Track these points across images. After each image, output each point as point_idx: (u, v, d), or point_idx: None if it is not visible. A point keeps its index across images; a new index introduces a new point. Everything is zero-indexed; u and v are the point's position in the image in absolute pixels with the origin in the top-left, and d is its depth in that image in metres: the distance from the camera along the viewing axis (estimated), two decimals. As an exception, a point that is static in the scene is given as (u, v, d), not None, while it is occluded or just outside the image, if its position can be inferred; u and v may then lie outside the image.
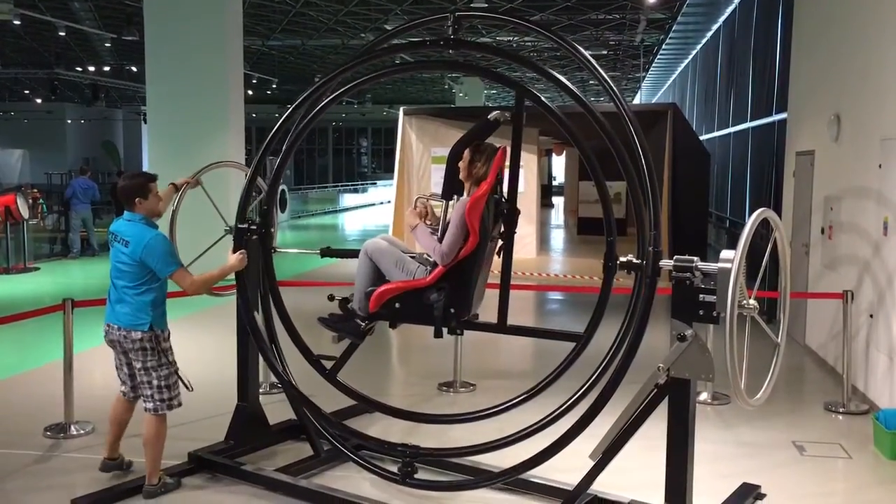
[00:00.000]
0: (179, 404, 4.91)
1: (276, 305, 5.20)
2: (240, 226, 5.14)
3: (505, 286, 4.45)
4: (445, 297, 4.42)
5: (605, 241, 4.13)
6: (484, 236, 4.39)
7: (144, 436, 4.84)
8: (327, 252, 5.43)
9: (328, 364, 4.93)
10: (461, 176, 4.50)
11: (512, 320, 4.57)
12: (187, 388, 4.95)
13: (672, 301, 3.82)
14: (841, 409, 6.62)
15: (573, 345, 4.29)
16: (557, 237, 21.91)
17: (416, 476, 4.56)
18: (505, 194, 4.55)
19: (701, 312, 3.72)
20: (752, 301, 3.65)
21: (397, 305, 4.54)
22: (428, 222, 4.68)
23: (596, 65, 4.16)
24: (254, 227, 5.11)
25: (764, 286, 7.34)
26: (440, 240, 4.40)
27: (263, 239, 5.14)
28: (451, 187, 4.51)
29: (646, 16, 19.92)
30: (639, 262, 3.95)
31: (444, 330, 4.49)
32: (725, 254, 3.59)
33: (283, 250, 5.72)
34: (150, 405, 4.82)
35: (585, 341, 4.25)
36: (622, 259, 4.00)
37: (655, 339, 4.79)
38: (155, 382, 4.79)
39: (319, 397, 5.13)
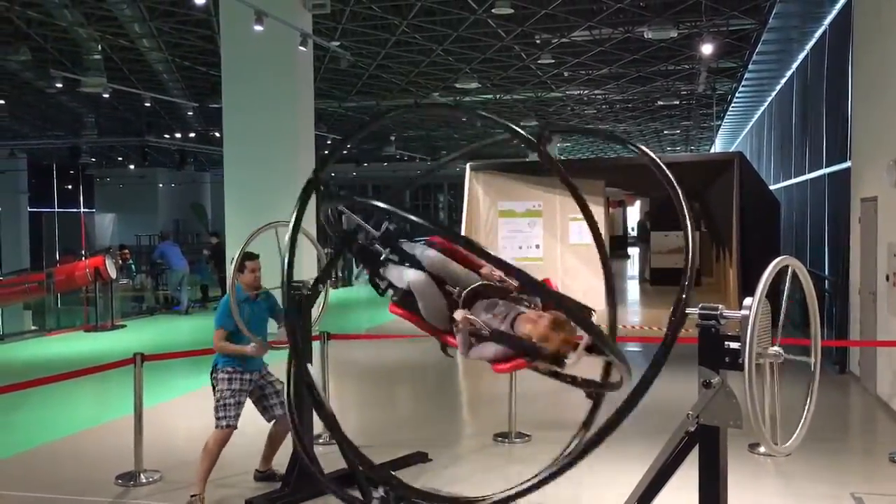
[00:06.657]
0: (228, 426, 5.68)
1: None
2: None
3: None
4: None
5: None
6: None
7: None
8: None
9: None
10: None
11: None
12: None
13: (698, 348, 3.86)
14: (907, 461, 6.41)
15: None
16: (631, 288, 21.71)
17: None
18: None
19: (727, 359, 3.75)
20: (775, 348, 3.67)
21: None
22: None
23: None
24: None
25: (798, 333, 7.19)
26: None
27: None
28: None
29: (704, 68, 19.87)
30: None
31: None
32: (748, 301, 3.63)
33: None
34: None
35: None
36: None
37: (687, 387, 4.78)
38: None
39: (375, 447, 5.28)
